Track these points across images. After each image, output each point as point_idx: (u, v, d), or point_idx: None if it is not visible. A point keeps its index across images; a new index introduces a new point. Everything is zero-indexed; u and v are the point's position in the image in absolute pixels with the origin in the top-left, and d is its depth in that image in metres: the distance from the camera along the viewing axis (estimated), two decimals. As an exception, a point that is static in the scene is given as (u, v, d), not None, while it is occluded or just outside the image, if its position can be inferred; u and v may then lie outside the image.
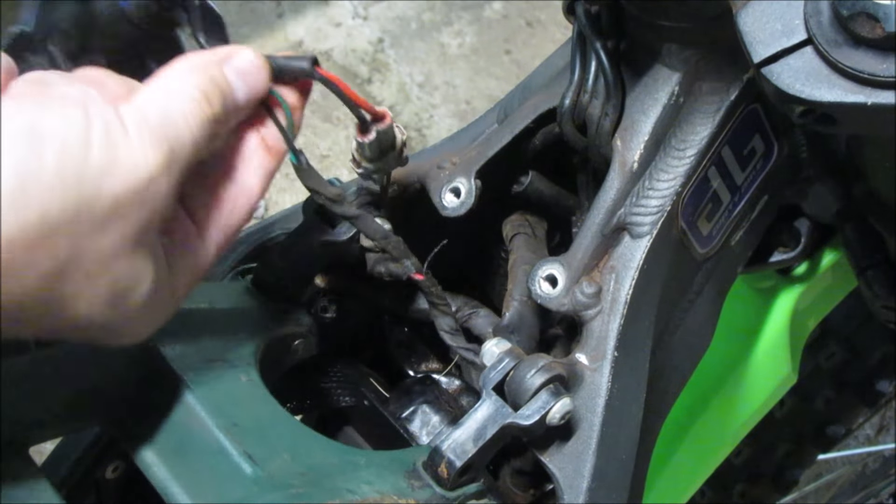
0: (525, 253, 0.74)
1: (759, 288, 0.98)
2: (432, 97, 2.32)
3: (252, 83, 0.56)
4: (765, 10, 0.51)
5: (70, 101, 0.48)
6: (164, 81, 0.53)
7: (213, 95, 0.54)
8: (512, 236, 0.76)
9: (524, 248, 0.74)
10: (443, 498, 0.60)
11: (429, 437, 0.70)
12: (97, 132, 0.47)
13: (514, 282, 0.72)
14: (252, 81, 0.56)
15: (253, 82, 0.57)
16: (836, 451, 1.35)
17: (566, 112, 0.68)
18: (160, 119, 0.50)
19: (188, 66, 0.54)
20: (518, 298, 0.71)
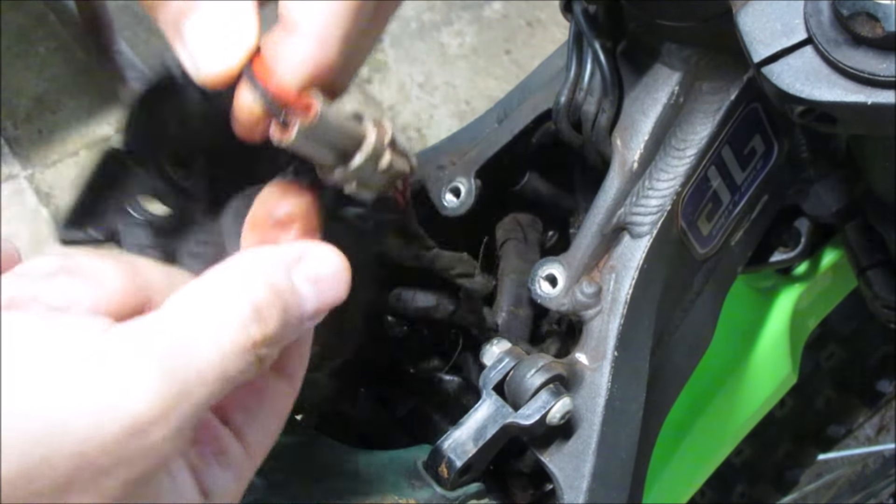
0: (514, 261, 0.74)
1: (759, 288, 0.98)
2: (432, 97, 2.33)
3: (327, 295, 0.44)
4: (765, 10, 0.51)
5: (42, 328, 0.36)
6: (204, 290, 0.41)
7: (270, 313, 0.41)
8: (502, 242, 0.76)
9: (513, 256, 0.74)
10: (443, 498, 0.60)
11: (429, 437, 0.70)
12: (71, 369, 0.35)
13: (502, 291, 0.72)
14: (327, 293, 0.44)
15: (329, 294, 0.44)
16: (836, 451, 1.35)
17: (562, 109, 0.68)
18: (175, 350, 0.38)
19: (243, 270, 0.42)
20: (506, 309, 0.71)
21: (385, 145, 0.48)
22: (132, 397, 0.36)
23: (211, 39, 0.43)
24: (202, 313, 0.40)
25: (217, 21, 0.43)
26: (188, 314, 0.39)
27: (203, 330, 0.39)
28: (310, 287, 0.44)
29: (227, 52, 0.43)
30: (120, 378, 0.36)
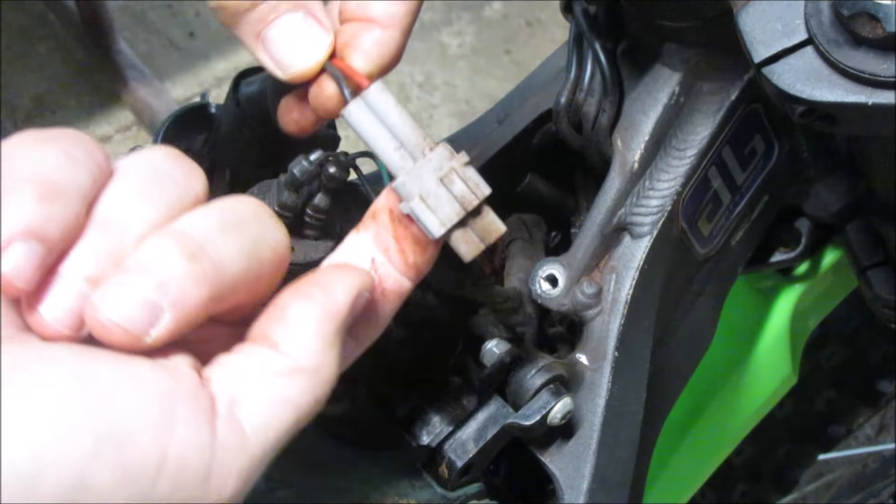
0: (520, 260, 0.74)
1: (759, 288, 0.98)
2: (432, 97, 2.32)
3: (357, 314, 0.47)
4: (765, 10, 0.51)
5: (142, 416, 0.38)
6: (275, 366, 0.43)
7: (331, 368, 0.44)
8: (508, 242, 0.76)
9: (520, 255, 0.74)
10: (443, 498, 0.60)
11: (429, 437, 0.70)
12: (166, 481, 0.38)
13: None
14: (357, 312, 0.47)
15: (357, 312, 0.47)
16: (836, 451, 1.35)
17: (562, 110, 0.68)
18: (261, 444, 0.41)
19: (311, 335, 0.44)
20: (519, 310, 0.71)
21: (451, 165, 0.49)
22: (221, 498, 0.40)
23: (294, 44, 0.51)
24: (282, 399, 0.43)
25: (297, 28, 0.51)
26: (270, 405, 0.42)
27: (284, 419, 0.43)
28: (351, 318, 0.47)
29: (309, 53, 0.51)
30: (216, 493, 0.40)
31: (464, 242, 0.49)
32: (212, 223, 0.43)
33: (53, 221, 0.40)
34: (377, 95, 0.49)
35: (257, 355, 0.43)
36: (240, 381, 0.42)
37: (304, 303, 0.45)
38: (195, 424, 0.39)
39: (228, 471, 0.40)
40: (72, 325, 0.41)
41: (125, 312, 0.40)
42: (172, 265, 0.41)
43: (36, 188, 0.40)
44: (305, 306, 0.44)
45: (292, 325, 0.44)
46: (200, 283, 0.41)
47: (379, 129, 0.49)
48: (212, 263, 0.42)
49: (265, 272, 0.45)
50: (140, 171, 0.45)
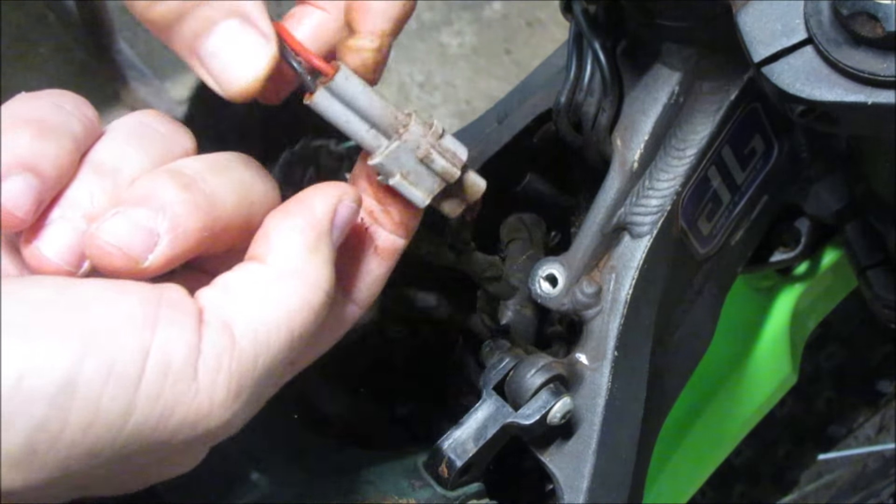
0: (519, 260, 0.74)
1: (759, 288, 0.98)
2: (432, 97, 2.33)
3: (345, 233, 0.48)
4: (765, 10, 0.51)
5: (127, 326, 0.39)
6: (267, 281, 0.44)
7: (326, 283, 0.45)
8: (507, 242, 0.76)
9: (519, 255, 0.74)
10: (443, 498, 0.60)
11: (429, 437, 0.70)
12: (149, 379, 0.38)
13: None
14: (345, 231, 0.48)
15: (345, 232, 0.48)
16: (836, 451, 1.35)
17: (562, 109, 0.68)
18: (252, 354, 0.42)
19: (298, 249, 0.45)
20: (513, 308, 0.71)
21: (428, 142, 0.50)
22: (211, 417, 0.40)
23: (232, 58, 0.45)
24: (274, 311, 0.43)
25: (234, 39, 0.45)
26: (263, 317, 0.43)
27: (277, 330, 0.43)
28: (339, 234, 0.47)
29: (250, 68, 0.45)
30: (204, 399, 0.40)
31: (447, 204, 0.52)
32: (202, 164, 0.45)
33: (47, 157, 0.42)
34: (342, 83, 0.48)
35: (244, 270, 0.44)
36: (227, 292, 0.43)
37: (283, 218, 0.46)
38: (179, 324, 0.40)
39: (217, 373, 0.40)
40: (70, 261, 0.42)
41: (124, 236, 0.41)
42: (167, 194, 0.42)
43: (29, 127, 0.42)
44: (285, 220, 0.46)
45: (273, 238, 0.45)
46: (194, 210, 0.43)
47: (348, 114, 0.48)
48: (204, 195, 0.43)
49: (256, 214, 0.46)
50: (130, 124, 0.47)
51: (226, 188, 0.45)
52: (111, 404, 0.38)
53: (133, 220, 0.42)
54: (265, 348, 0.42)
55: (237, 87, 0.45)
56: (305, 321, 0.44)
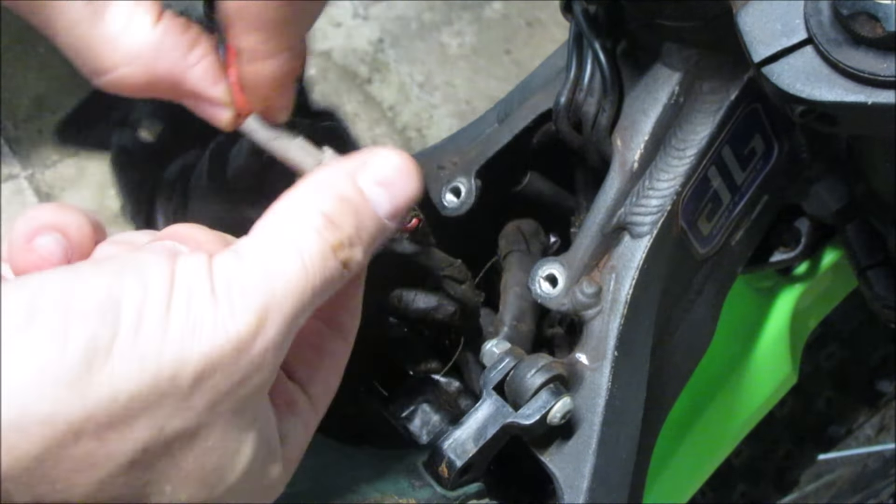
0: (517, 273, 0.74)
1: (759, 288, 0.98)
2: (432, 97, 2.32)
3: (398, 193, 0.47)
4: (765, 10, 0.51)
5: (152, 262, 0.41)
6: (277, 212, 0.45)
7: (342, 217, 0.45)
8: (506, 254, 0.75)
9: (517, 268, 0.74)
10: (443, 498, 0.60)
11: (429, 437, 0.70)
12: (179, 296, 0.41)
13: (504, 304, 0.72)
14: (398, 191, 0.47)
15: (400, 192, 0.47)
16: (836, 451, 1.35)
17: (562, 109, 0.68)
18: (260, 269, 0.42)
19: (310, 187, 0.46)
20: (509, 322, 0.71)
21: None
22: (237, 321, 0.41)
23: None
24: (280, 232, 0.44)
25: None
26: (269, 235, 0.44)
27: (282, 246, 0.43)
28: (379, 189, 0.46)
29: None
30: (224, 309, 0.41)
31: None
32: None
33: (70, 224, 0.46)
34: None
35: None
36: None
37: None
38: (194, 257, 0.42)
39: (231, 288, 0.42)
40: None
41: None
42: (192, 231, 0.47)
43: (51, 206, 0.47)
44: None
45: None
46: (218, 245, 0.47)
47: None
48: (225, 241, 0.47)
49: None
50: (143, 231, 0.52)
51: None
52: (151, 317, 0.40)
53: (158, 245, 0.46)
54: (274, 263, 0.43)
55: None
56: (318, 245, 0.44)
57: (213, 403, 0.41)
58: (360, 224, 0.45)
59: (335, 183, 0.46)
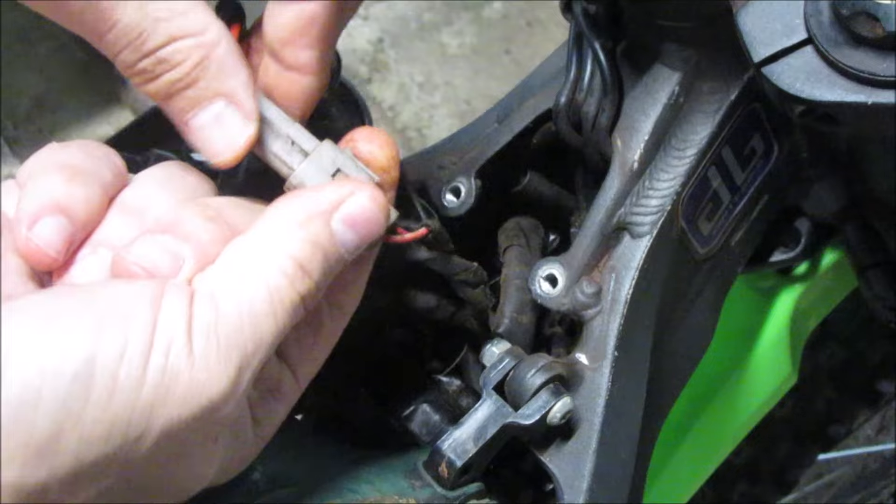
0: (517, 267, 0.74)
1: (759, 288, 0.98)
2: (432, 97, 2.32)
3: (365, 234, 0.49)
4: (765, 10, 0.51)
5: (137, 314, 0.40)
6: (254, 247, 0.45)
7: (313, 265, 0.46)
8: (505, 248, 0.75)
9: (516, 262, 0.74)
10: (443, 498, 0.60)
11: (429, 437, 0.70)
12: (157, 352, 0.40)
13: (505, 298, 0.72)
14: (365, 232, 0.49)
15: (366, 233, 0.49)
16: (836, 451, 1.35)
17: (562, 109, 0.68)
18: (236, 322, 0.42)
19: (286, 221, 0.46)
20: (509, 315, 0.71)
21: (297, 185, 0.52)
22: (210, 387, 0.41)
23: (216, 135, 0.49)
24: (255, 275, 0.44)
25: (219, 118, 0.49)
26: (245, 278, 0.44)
27: (257, 295, 0.43)
28: (348, 231, 0.48)
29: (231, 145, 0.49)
30: (200, 369, 0.41)
31: None
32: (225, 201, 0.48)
33: (78, 200, 0.45)
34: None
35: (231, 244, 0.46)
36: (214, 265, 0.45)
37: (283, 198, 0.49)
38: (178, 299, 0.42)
39: (208, 340, 0.41)
40: None
41: (150, 258, 0.43)
42: (193, 222, 0.44)
43: (61, 173, 0.45)
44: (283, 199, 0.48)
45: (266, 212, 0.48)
46: (219, 238, 0.44)
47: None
48: (227, 225, 0.45)
49: None
50: (155, 172, 0.50)
51: (248, 223, 0.46)
52: (126, 380, 0.39)
53: (160, 243, 0.43)
54: (248, 315, 0.43)
55: (219, 160, 0.49)
56: (289, 294, 0.45)
57: (179, 449, 0.42)
58: (327, 269, 0.47)
59: (310, 226, 0.46)
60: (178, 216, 0.45)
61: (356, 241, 0.48)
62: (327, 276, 0.47)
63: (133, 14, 0.46)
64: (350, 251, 0.48)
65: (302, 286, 0.45)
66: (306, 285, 0.45)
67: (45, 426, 0.37)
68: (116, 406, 0.39)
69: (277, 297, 0.44)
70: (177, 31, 0.47)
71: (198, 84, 0.48)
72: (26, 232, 0.44)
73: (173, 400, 0.40)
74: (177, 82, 0.47)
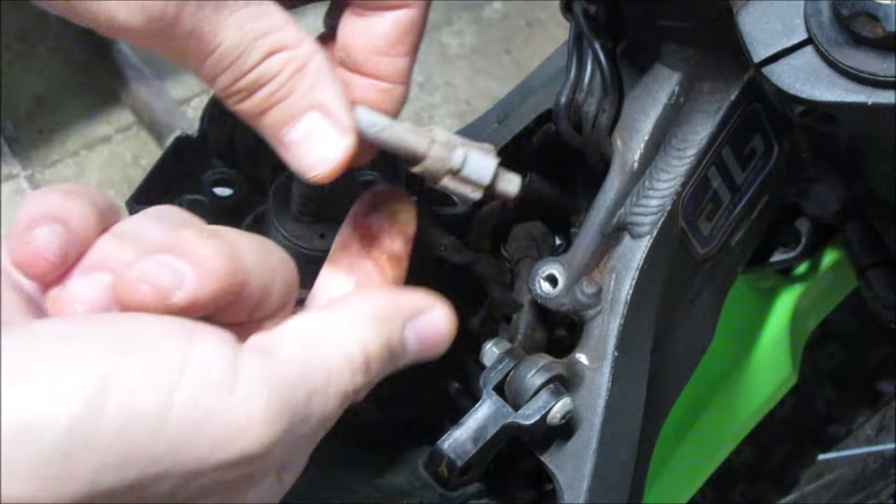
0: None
1: (759, 288, 0.98)
2: (432, 97, 2.32)
3: (428, 351, 0.48)
4: (765, 10, 0.51)
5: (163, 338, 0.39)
6: (324, 322, 0.44)
7: (377, 364, 0.45)
8: (517, 260, 0.75)
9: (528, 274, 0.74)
10: (443, 498, 0.60)
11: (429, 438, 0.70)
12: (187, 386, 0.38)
13: (519, 313, 0.72)
14: (429, 349, 0.49)
15: (430, 350, 0.49)
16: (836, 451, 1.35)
17: (562, 109, 0.68)
18: (292, 380, 0.41)
19: (367, 312, 0.46)
20: (523, 331, 0.71)
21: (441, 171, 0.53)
22: (247, 436, 0.39)
23: (312, 149, 0.49)
24: (322, 356, 0.43)
25: (313, 130, 0.49)
26: (310, 355, 0.43)
27: (320, 375, 0.42)
28: (417, 343, 0.48)
29: (327, 158, 0.49)
30: (241, 414, 0.39)
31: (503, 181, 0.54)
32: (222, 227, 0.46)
33: (73, 214, 0.44)
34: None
35: (298, 315, 0.46)
36: (273, 331, 0.44)
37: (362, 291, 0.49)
38: (217, 340, 0.40)
39: (256, 390, 0.40)
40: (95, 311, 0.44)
41: (153, 272, 0.42)
42: (192, 240, 0.43)
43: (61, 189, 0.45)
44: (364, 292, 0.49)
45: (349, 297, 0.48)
46: (219, 254, 0.43)
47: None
48: (227, 242, 0.44)
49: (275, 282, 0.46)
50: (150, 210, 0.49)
51: (247, 244, 0.45)
52: (146, 405, 0.37)
53: (161, 260, 0.42)
54: (304, 382, 0.42)
55: (316, 174, 0.49)
56: (348, 383, 0.44)
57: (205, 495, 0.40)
58: (383, 371, 0.46)
59: (389, 325, 0.46)
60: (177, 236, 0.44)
61: (417, 354, 0.48)
62: (379, 377, 0.47)
63: (234, 35, 0.46)
64: (407, 361, 0.48)
65: (361, 379, 0.45)
66: (364, 380, 0.45)
67: (52, 445, 0.36)
68: (133, 434, 0.37)
69: (336, 380, 0.43)
70: (274, 45, 0.47)
71: (292, 96, 0.48)
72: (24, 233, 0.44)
73: (204, 440, 0.38)
74: (272, 95, 0.48)
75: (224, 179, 0.66)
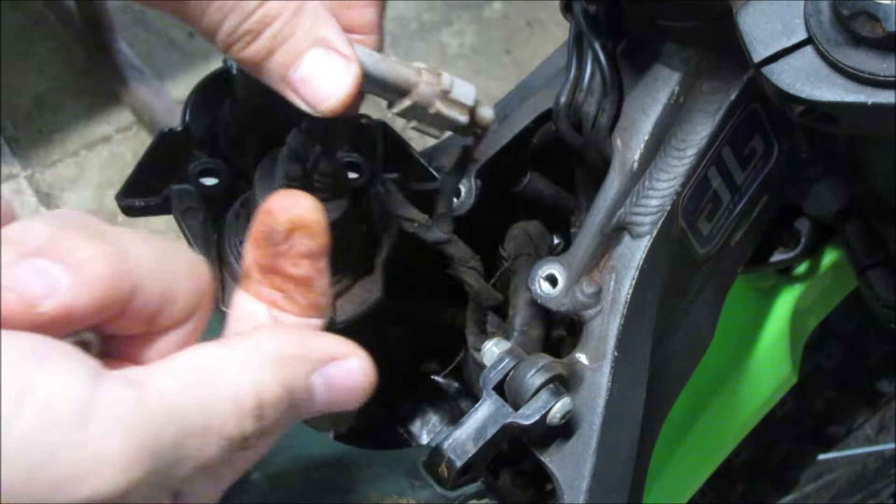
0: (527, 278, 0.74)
1: (759, 288, 0.98)
2: (432, 97, 2.32)
3: (339, 403, 0.43)
4: (765, 10, 0.51)
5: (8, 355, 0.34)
6: (216, 357, 0.39)
7: (271, 408, 0.39)
8: (515, 258, 0.75)
9: (526, 273, 0.74)
10: (443, 498, 0.60)
11: (429, 437, 0.70)
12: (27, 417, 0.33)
13: (514, 309, 0.72)
14: (341, 401, 0.43)
15: (341, 402, 0.43)
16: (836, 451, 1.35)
17: (562, 109, 0.68)
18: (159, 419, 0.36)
19: (269, 351, 0.40)
20: (518, 328, 0.71)
21: (433, 95, 0.59)
22: (97, 478, 0.34)
23: (320, 82, 0.51)
24: (206, 395, 0.38)
25: (319, 65, 0.51)
26: (191, 394, 0.38)
27: (199, 416, 0.37)
28: (325, 391, 0.42)
29: (337, 88, 0.51)
30: (92, 454, 0.34)
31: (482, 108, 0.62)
32: (119, 228, 0.41)
33: None
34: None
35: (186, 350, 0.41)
36: (154, 363, 0.39)
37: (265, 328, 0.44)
38: (70, 368, 0.35)
39: (112, 428, 0.35)
40: None
41: (20, 280, 0.37)
42: (72, 241, 0.38)
43: None
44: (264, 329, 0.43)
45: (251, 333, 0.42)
46: (101, 257, 0.38)
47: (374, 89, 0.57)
48: (114, 245, 0.39)
49: (177, 289, 0.41)
50: (46, 213, 0.42)
51: (142, 245, 0.40)
52: None
53: (32, 265, 0.37)
54: (181, 420, 0.37)
55: (328, 106, 0.51)
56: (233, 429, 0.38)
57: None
58: (282, 421, 0.41)
59: (292, 368, 0.41)
60: (57, 235, 0.38)
61: (328, 403, 0.42)
62: (278, 428, 0.41)
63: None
64: (314, 412, 0.42)
65: (250, 425, 0.39)
66: (254, 426, 0.39)
67: None
68: None
69: (218, 424, 0.38)
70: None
71: (296, 34, 0.50)
72: None
73: (45, 480, 0.34)
74: (278, 34, 0.50)
75: (209, 169, 0.67)
